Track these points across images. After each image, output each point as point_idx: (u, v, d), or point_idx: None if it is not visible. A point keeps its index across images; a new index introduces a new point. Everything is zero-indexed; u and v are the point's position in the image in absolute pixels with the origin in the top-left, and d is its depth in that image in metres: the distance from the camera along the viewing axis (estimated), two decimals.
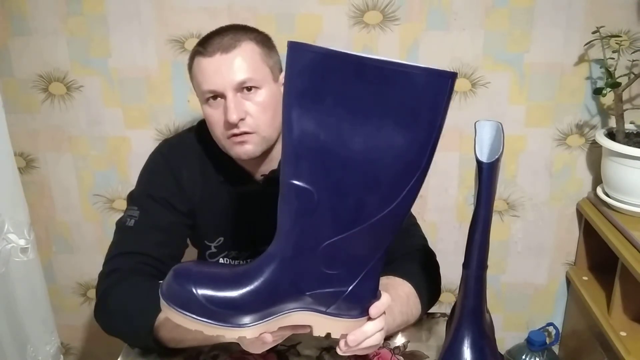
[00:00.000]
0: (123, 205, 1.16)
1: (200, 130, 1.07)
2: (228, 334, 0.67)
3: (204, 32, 0.98)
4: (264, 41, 0.98)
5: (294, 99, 0.61)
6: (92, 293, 1.65)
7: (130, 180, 1.48)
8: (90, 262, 1.60)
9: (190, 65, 0.98)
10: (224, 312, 0.66)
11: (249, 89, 0.93)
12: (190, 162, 1.05)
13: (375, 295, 0.72)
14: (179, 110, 1.44)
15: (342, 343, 0.73)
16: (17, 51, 1.40)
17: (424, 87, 0.58)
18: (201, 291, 0.65)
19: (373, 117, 0.59)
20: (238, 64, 0.92)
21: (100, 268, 0.99)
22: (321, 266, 0.67)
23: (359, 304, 0.71)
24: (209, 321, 0.66)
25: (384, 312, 0.75)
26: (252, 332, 0.67)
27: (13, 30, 1.38)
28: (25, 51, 1.40)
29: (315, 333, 0.71)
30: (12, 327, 1.26)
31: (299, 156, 0.62)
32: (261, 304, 0.67)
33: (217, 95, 0.94)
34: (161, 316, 0.87)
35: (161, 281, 0.98)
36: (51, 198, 1.55)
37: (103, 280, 0.97)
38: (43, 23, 1.37)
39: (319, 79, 0.59)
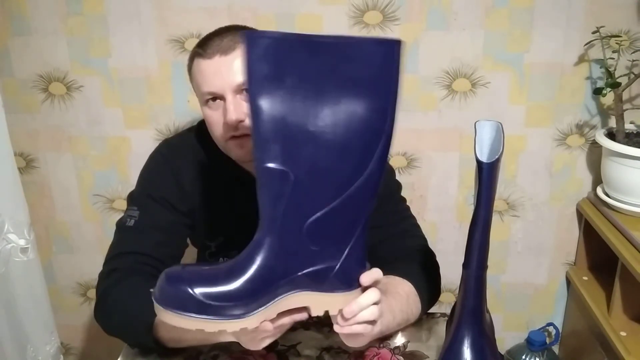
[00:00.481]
0: (123, 205, 1.16)
1: (200, 130, 1.07)
2: (229, 327, 0.67)
3: (204, 32, 0.98)
4: None
5: (255, 85, 0.63)
6: (92, 293, 1.65)
7: (130, 180, 1.48)
8: (90, 262, 1.60)
9: (190, 66, 0.98)
10: (222, 305, 0.66)
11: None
12: (191, 162, 1.05)
13: (364, 266, 0.74)
14: (179, 110, 1.44)
15: (339, 319, 0.74)
16: (17, 51, 1.40)
17: (374, 57, 0.62)
18: (196, 289, 0.65)
19: (332, 91, 0.63)
20: (237, 65, 0.92)
21: (100, 268, 0.99)
22: (308, 244, 0.68)
23: (350, 276, 0.72)
24: (209, 317, 0.66)
25: (377, 284, 0.75)
26: (253, 322, 0.68)
27: (13, 30, 1.38)
28: (25, 51, 1.40)
29: (314, 313, 0.72)
30: (12, 327, 1.26)
31: (268, 140, 0.64)
32: (257, 292, 0.67)
33: (216, 97, 0.94)
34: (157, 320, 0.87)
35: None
36: (51, 198, 1.55)
37: (103, 280, 0.97)
38: (43, 23, 1.37)
39: (276, 62, 0.62)
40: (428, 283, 0.95)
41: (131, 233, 1.00)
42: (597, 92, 1.30)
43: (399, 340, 0.98)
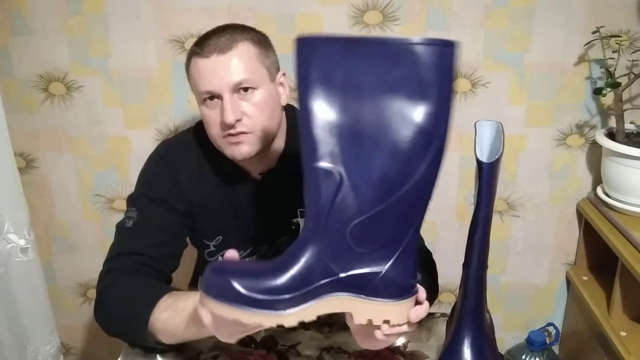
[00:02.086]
0: (123, 205, 1.16)
1: (198, 130, 1.07)
2: (266, 320, 0.67)
3: (204, 32, 0.98)
4: (261, 41, 0.98)
5: (305, 87, 0.63)
6: (92, 293, 1.65)
7: (130, 180, 1.48)
8: (90, 262, 1.60)
9: (188, 65, 0.98)
10: (262, 298, 0.66)
11: (246, 89, 0.94)
12: (189, 162, 1.05)
13: (413, 276, 0.70)
14: (179, 110, 1.44)
15: (384, 327, 0.70)
16: (17, 51, 1.40)
17: (427, 58, 0.61)
18: (239, 280, 0.66)
19: (383, 93, 0.62)
20: (235, 64, 0.92)
21: (100, 268, 0.99)
22: (352, 246, 0.67)
23: (397, 284, 0.69)
24: (248, 308, 0.66)
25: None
26: (290, 319, 0.68)
27: (13, 30, 1.38)
28: (25, 51, 1.40)
29: (357, 320, 0.70)
30: (12, 327, 1.26)
31: (317, 140, 0.64)
32: (296, 290, 0.67)
33: (213, 96, 0.94)
34: (155, 312, 0.87)
35: (160, 281, 0.99)
36: (51, 198, 1.55)
37: (101, 280, 0.97)
38: (43, 23, 1.37)
39: (327, 65, 0.62)
40: (429, 283, 0.95)
41: (130, 234, 1.00)
42: (597, 92, 1.30)
43: (399, 340, 0.98)
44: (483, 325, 0.79)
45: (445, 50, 0.61)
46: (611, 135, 1.32)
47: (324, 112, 0.64)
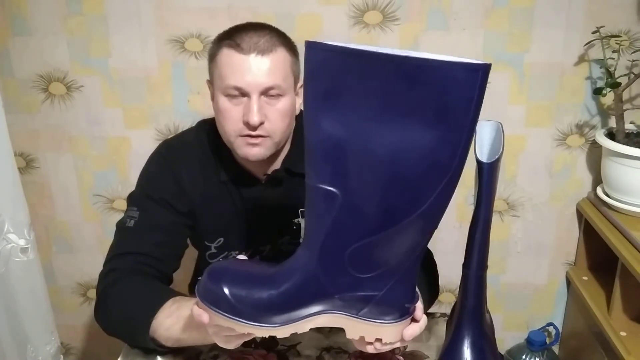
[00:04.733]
0: (123, 205, 1.16)
1: (200, 130, 1.07)
2: (258, 332, 0.67)
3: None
4: (294, 49, 0.98)
5: (314, 99, 0.59)
6: (92, 293, 1.65)
7: (130, 180, 1.48)
8: (90, 262, 1.60)
9: (216, 53, 0.95)
10: (254, 312, 0.66)
11: (273, 94, 0.93)
12: (190, 163, 1.05)
13: (410, 300, 0.69)
14: (179, 110, 1.44)
15: (377, 344, 0.71)
16: (17, 51, 1.40)
17: (450, 83, 0.53)
18: (231, 291, 0.66)
19: (397, 116, 0.56)
20: (271, 68, 0.92)
21: (100, 268, 0.99)
22: (349, 269, 0.65)
23: (391, 308, 0.68)
24: (239, 319, 0.66)
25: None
26: (283, 332, 0.68)
27: (13, 30, 1.38)
28: (25, 51, 1.40)
29: (349, 336, 0.70)
30: (12, 327, 1.26)
31: (321, 158, 0.60)
32: (290, 305, 0.67)
33: (239, 93, 0.93)
34: (158, 317, 0.87)
35: (161, 281, 0.99)
36: (51, 198, 1.55)
37: (102, 280, 0.97)
38: (43, 23, 1.37)
39: (337, 77, 0.56)
40: (428, 283, 0.95)
41: (131, 233, 1.00)
42: (597, 92, 1.30)
43: None
44: (483, 325, 0.79)
45: (473, 75, 0.53)
46: (611, 135, 1.32)
47: (330, 129, 0.58)
